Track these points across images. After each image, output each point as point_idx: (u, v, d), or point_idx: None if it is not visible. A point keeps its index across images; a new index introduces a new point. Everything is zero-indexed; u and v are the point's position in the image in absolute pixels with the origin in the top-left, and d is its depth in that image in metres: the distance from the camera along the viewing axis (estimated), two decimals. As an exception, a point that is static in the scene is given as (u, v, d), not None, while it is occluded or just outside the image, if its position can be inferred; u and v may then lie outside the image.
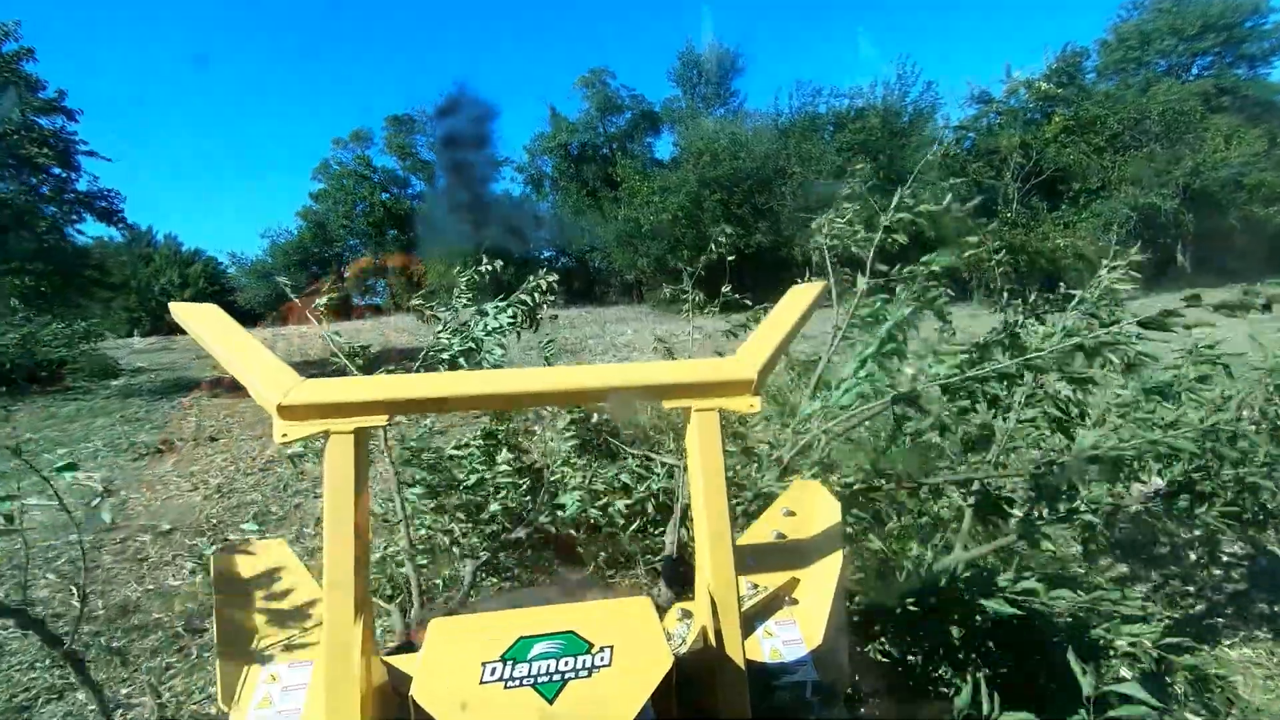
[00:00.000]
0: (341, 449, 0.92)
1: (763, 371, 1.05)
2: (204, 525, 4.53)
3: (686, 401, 1.01)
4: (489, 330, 2.14)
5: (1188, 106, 21.00)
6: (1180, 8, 23.74)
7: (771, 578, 1.24)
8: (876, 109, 25.28)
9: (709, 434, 1.00)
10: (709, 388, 1.02)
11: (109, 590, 3.68)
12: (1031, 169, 23.04)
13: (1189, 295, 1.79)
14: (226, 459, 6.18)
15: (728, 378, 1.03)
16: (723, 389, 1.02)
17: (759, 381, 1.03)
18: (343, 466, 0.91)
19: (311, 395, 0.93)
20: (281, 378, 0.98)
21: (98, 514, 1.75)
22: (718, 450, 0.99)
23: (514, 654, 0.82)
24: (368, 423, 0.93)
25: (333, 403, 0.93)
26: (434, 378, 1.08)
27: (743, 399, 1.02)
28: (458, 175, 3.10)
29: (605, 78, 30.68)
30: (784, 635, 1.17)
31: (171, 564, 3.98)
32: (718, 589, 0.96)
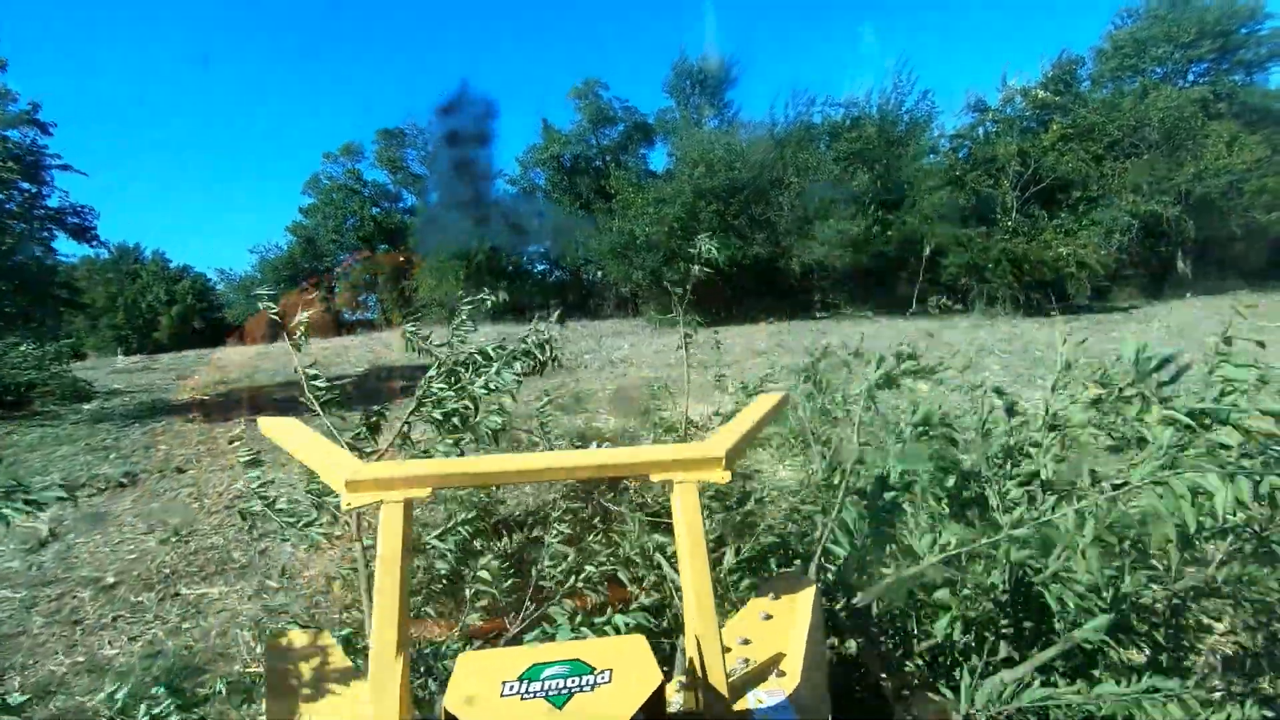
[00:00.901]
0: (393, 516, 1.11)
1: (731, 452, 1.24)
2: (154, 577, 4.01)
3: (670, 475, 1.21)
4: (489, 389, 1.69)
5: (1187, 113, 20.79)
6: (1175, 15, 23.61)
7: (760, 652, 1.36)
8: (872, 118, 25.04)
9: (690, 501, 1.20)
10: (689, 464, 1.22)
11: (33, 663, 3.15)
12: (1030, 177, 22.78)
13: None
14: (191, 493, 5.66)
15: (703, 456, 1.22)
16: (699, 465, 1.22)
17: (728, 460, 1.22)
18: (393, 529, 1.10)
19: (370, 473, 1.14)
20: (346, 461, 1.21)
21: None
22: (697, 514, 1.19)
23: (529, 675, 0.98)
24: (414, 494, 1.13)
25: (386, 478, 1.13)
26: (464, 461, 1.30)
27: (715, 473, 1.22)
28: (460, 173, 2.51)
29: (597, 89, 30.43)
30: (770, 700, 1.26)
31: (111, 627, 3.46)
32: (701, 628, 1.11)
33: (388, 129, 35.13)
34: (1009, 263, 19.78)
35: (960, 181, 23.20)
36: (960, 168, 23.82)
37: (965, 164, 24.24)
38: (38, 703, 2.83)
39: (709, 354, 14.43)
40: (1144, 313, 18.99)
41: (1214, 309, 18.56)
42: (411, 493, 1.12)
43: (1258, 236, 23.16)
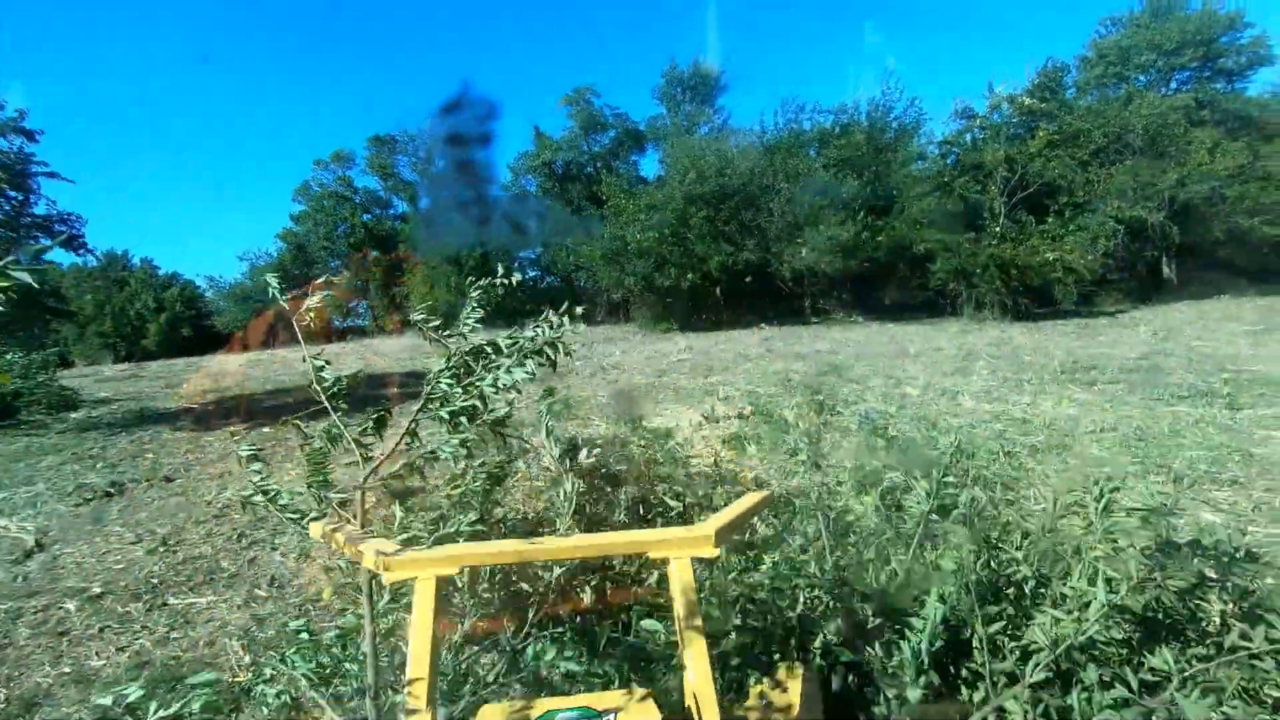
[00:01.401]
0: (425, 590, 1.27)
1: (720, 532, 1.39)
2: (141, 587, 3.99)
3: (668, 552, 1.36)
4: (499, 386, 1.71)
5: (1171, 120, 21.08)
6: (1158, 24, 23.98)
7: None
8: (861, 125, 25.26)
9: (685, 575, 1.34)
10: (683, 542, 1.36)
11: (18, 675, 3.13)
12: (1017, 183, 23.00)
13: None
14: (179, 503, 5.63)
15: (696, 535, 1.37)
16: (693, 543, 1.36)
17: (717, 538, 1.37)
18: (425, 602, 1.26)
19: (405, 557, 1.31)
20: (385, 546, 1.37)
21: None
22: (692, 586, 1.33)
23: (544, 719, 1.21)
24: (443, 572, 1.31)
25: (419, 559, 1.30)
26: (484, 545, 1.50)
27: (706, 549, 1.36)
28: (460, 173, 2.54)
29: (589, 96, 30.54)
30: None
31: (98, 637, 3.44)
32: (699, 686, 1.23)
33: (379, 135, 35.17)
34: (996, 268, 19.96)
35: (948, 188, 23.39)
36: (948, 174, 24.03)
37: (953, 170, 24.45)
38: (23, 715, 2.82)
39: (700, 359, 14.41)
40: (1130, 317, 19.19)
41: (1200, 313, 18.80)
42: (441, 570, 1.30)
43: (1241, 241, 23.49)
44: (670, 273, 22.16)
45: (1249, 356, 10.49)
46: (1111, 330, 16.15)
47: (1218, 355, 10.91)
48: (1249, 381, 8.20)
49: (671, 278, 22.21)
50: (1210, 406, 6.79)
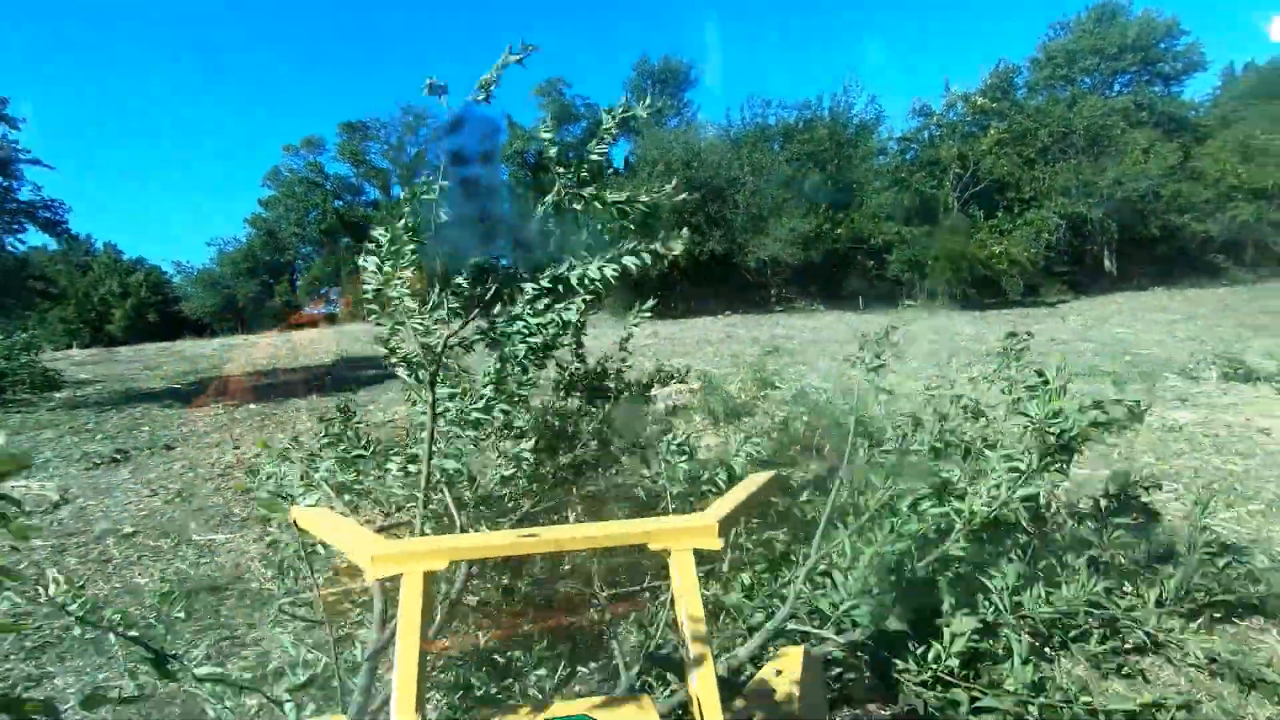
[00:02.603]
0: (413, 584, 1.23)
1: (723, 522, 1.37)
2: (166, 528, 4.65)
3: (669, 544, 1.33)
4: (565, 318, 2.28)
5: (1110, 121, 22.40)
6: (1101, 29, 25.34)
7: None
8: (824, 121, 26.18)
9: (686, 567, 1.31)
10: (684, 533, 1.34)
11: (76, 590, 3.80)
12: (969, 179, 24.17)
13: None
14: (184, 465, 6.25)
15: (697, 525, 1.35)
16: (694, 534, 1.34)
17: (720, 528, 1.35)
18: (413, 598, 1.22)
19: (392, 549, 1.28)
20: (372, 540, 1.35)
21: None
22: (694, 580, 1.31)
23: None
24: (432, 566, 1.25)
25: (407, 553, 1.25)
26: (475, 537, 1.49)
27: (708, 540, 1.34)
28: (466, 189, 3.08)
29: (560, 87, 30.98)
30: None
31: (137, 564, 4.11)
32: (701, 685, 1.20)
33: (350, 122, 35.11)
34: (947, 259, 21.10)
35: (905, 183, 24.48)
36: (906, 169, 25.11)
37: (911, 166, 25.54)
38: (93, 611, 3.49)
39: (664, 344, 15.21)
40: (1069, 308, 20.49)
41: (1132, 304, 20.18)
42: (429, 565, 1.26)
43: (1174, 237, 25.04)
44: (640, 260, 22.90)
45: (1156, 343, 11.64)
46: (1047, 319, 17.36)
47: (1129, 341, 12.05)
48: (1143, 363, 9.28)
49: (640, 266, 22.96)
50: (1097, 383, 7.80)
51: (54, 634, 3.27)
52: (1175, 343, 11.24)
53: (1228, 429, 5.60)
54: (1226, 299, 18.25)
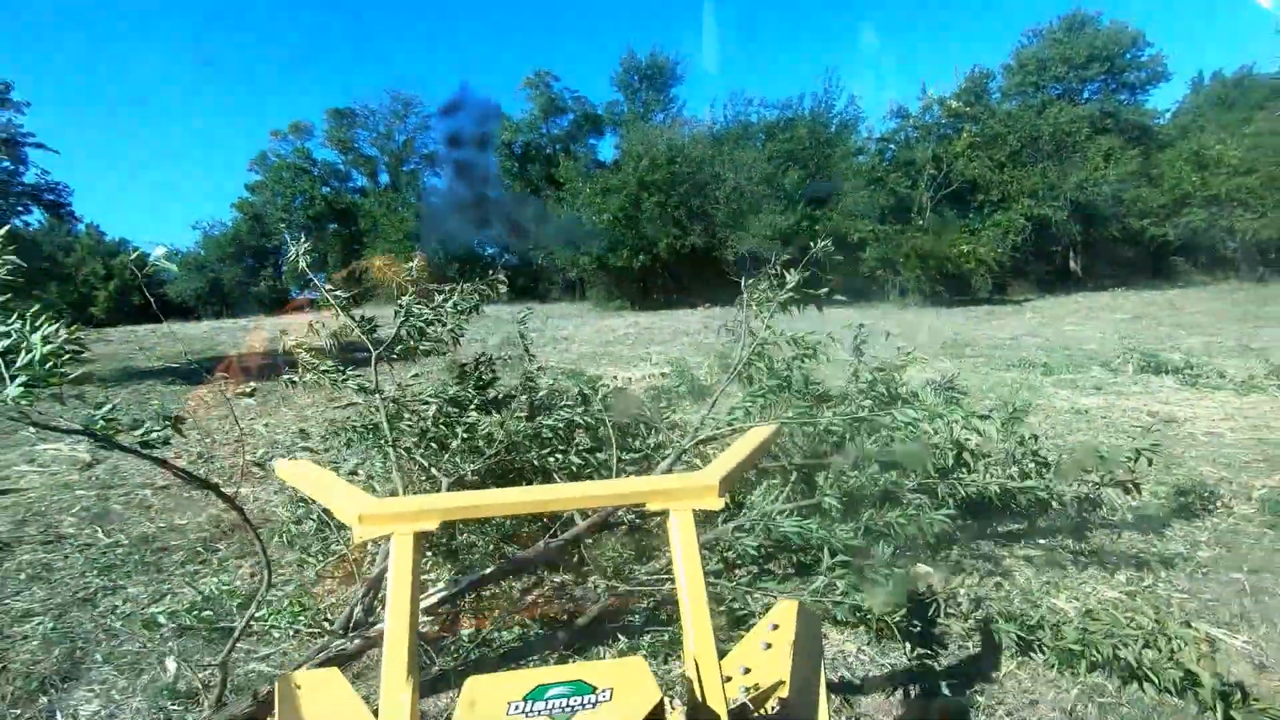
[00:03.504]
0: (403, 547, 1.19)
1: (724, 481, 1.32)
2: (194, 483, 5.30)
3: (668, 504, 1.29)
4: (456, 308, 3.07)
5: (1074, 128, 23.41)
6: (1070, 38, 26.34)
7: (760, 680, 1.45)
8: (805, 119, 26.94)
9: (686, 529, 1.26)
10: (684, 493, 1.29)
11: (126, 528, 4.46)
12: (942, 180, 25.09)
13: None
14: (199, 434, 6.87)
15: (698, 485, 1.30)
16: (695, 493, 1.29)
17: (721, 488, 1.30)
18: (404, 560, 1.18)
19: (381, 509, 1.23)
20: (359, 498, 1.31)
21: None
22: (694, 542, 1.25)
23: (534, 695, 1.06)
24: (422, 527, 1.21)
25: (396, 513, 1.22)
26: (471, 494, 1.40)
27: (710, 500, 1.29)
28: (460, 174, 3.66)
29: (549, 80, 31.45)
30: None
31: (175, 510, 4.77)
32: (700, 651, 1.17)
33: (338, 108, 35.31)
34: (918, 257, 22.01)
35: (881, 182, 25.34)
36: (882, 169, 25.96)
37: (888, 166, 26.41)
38: (141, 546, 4.15)
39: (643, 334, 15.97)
40: (1031, 305, 21.49)
41: (1089, 303, 21.21)
42: (420, 526, 1.20)
43: (1135, 240, 26.17)
44: (622, 254, 23.58)
45: (1097, 339, 12.56)
46: (1007, 316, 18.32)
47: (1075, 337, 12.98)
48: (1078, 356, 10.16)
49: (624, 259, 23.64)
50: (1030, 373, 8.65)
51: (120, 556, 3.95)
52: (1114, 339, 12.16)
53: (1123, 413, 6.45)
54: (1175, 300, 19.32)
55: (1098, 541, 3.57)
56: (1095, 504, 3.76)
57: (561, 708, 1.03)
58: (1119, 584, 3.11)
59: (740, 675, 1.45)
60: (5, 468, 5.82)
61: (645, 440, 3.83)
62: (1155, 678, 2.28)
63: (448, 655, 2.73)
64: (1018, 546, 3.52)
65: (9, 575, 3.74)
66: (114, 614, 3.29)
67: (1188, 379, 7.77)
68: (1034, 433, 3.62)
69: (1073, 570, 3.28)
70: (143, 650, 2.95)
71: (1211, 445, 5.30)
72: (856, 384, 3.64)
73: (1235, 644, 2.63)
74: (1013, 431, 3.35)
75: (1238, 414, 6.26)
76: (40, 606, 3.38)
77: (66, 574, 3.76)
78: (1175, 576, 3.18)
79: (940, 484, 3.17)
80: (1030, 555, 3.42)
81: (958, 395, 3.55)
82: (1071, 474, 3.42)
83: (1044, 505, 3.45)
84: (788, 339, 3.65)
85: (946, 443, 3.26)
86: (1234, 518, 3.86)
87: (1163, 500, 4.11)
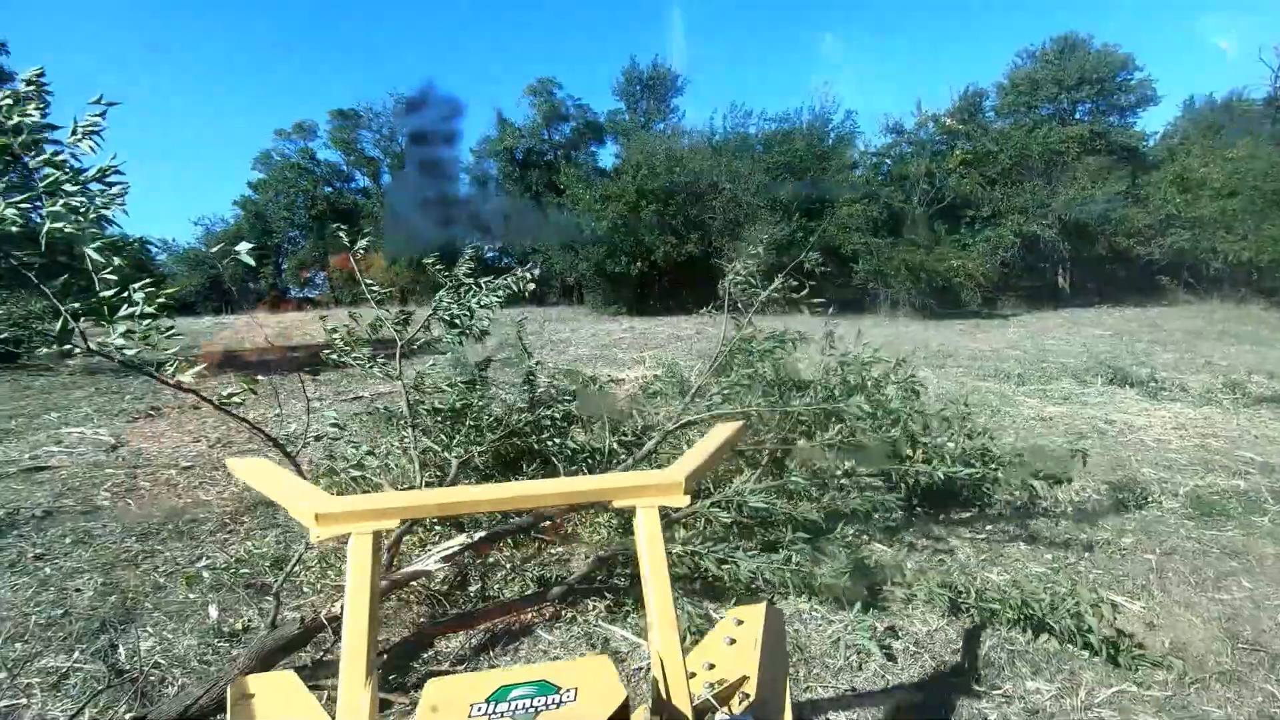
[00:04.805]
0: (361, 546, 1.15)
1: (689, 478, 1.33)
2: (216, 464, 5.69)
3: (633, 501, 1.29)
4: (481, 304, 3.43)
5: (1063, 148, 24.01)
6: (1062, 60, 27.02)
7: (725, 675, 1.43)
8: (802, 132, 27.47)
9: (652, 526, 1.26)
10: (650, 489, 1.30)
11: (158, 500, 4.85)
12: (935, 196, 25.64)
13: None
14: (216, 420, 7.26)
15: (664, 482, 1.31)
16: (660, 490, 1.30)
17: (686, 484, 1.31)
18: (362, 560, 1.14)
19: (339, 507, 1.18)
20: (315, 496, 1.25)
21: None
22: (659, 538, 1.26)
23: (496, 697, 1.03)
24: (382, 526, 1.18)
25: (355, 511, 1.17)
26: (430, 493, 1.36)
27: (675, 497, 1.30)
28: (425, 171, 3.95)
29: (552, 87, 31.96)
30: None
31: (200, 487, 5.16)
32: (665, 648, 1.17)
33: (341, 110, 35.75)
34: (908, 270, 22.51)
35: (875, 196, 25.86)
36: (876, 183, 26.50)
37: (882, 180, 26.95)
38: (168, 520, 4.54)
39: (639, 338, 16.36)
40: (1018, 320, 22.00)
41: (1074, 319, 21.73)
42: (380, 524, 1.16)
43: (1123, 259, 26.76)
44: (621, 260, 24.01)
45: (1075, 353, 13.04)
46: (992, 330, 18.81)
47: (1053, 350, 13.46)
48: (1052, 369, 10.63)
49: (622, 265, 24.07)
50: (1004, 383, 9.11)
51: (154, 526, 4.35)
52: (1089, 354, 12.64)
53: (1083, 420, 6.90)
54: (1157, 318, 19.84)
55: (1036, 528, 4.00)
56: (1036, 495, 4.20)
57: (525, 709, 1.02)
58: (1046, 561, 3.54)
59: (705, 671, 1.43)
60: (36, 448, 6.19)
61: (634, 426, 4.23)
62: (1055, 627, 2.71)
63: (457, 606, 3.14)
64: (964, 530, 3.95)
65: (54, 540, 4.13)
66: (156, 572, 3.69)
67: (1150, 391, 8.23)
68: (984, 429, 4.06)
69: (1010, 550, 3.71)
70: (186, 601, 3.35)
71: (1157, 450, 5.75)
72: (826, 377, 4.07)
73: (1134, 608, 3.06)
74: (963, 427, 3.77)
75: (1189, 424, 6.72)
76: (87, 565, 3.77)
77: (107, 540, 4.15)
78: (1096, 557, 3.62)
79: (896, 468, 3.60)
80: (973, 537, 3.85)
81: (915, 390, 3.96)
82: (1011, 464, 3.84)
83: (987, 495, 3.88)
84: (765, 335, 4.07)
85: (901, 434, 3.69)
86: (1161, 510, 4.30)
87: (1100, 496, 4.55)
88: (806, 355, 4.25)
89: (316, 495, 1.26)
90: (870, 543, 3.76)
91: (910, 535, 3.86)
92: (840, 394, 3.74)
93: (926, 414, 3.83)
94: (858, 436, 3.69)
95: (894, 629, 2.94)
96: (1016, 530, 3.96)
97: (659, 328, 18.09)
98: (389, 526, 1.20)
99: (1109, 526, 4.07)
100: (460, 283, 3.59)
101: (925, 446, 3.79)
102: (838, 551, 3.31)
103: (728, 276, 4.20)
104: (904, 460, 3.72)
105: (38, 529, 4.25)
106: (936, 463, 3.64)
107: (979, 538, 3.86)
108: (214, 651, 2.88)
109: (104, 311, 2.11)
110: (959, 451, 3.79)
